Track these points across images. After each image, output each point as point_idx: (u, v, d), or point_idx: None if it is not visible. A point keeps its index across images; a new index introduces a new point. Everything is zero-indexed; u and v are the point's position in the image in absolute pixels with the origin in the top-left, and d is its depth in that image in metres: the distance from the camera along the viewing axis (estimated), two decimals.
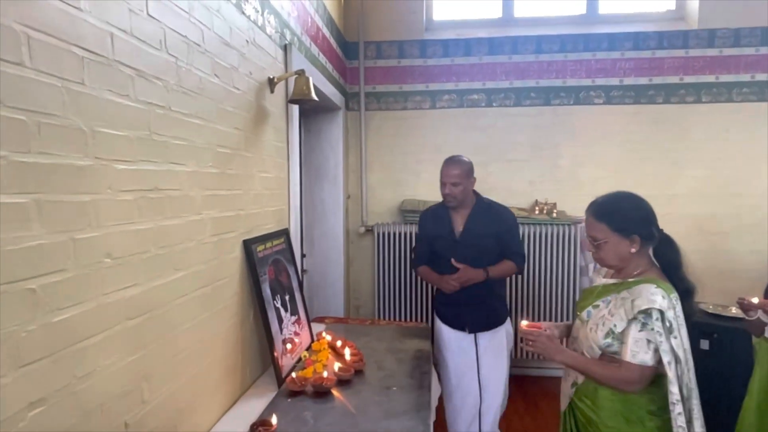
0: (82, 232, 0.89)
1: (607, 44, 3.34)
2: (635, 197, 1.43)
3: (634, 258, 1.36)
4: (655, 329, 1.25)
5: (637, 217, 1.38)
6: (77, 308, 0.88)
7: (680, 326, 1.26)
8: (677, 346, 1.24)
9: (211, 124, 1.39)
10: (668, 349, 1.24)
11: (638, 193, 1.43)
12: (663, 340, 1.24)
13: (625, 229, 1.35)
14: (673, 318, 1.25)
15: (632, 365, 1.27)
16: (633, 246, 1.35)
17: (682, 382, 1.25)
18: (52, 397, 0.82)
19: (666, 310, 1.24)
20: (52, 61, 0.82)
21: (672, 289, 1.31)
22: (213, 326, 1.41)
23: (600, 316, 1.38)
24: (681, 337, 1.25)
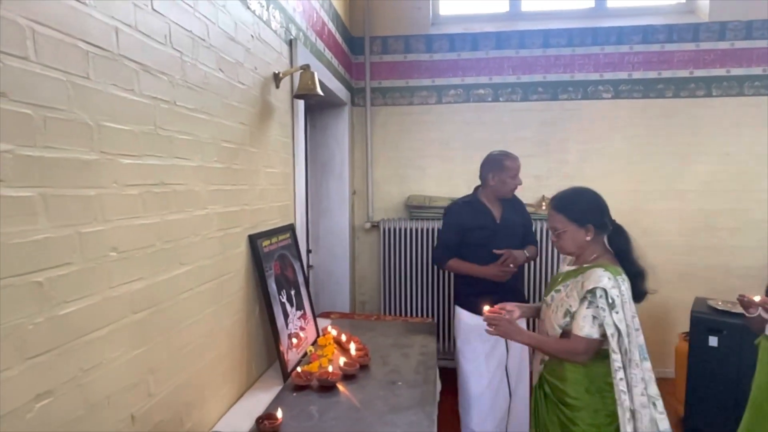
0: (88, 226, 0.90)
1: (615, 38, 3.30)
2: (591, 192, 1.59)
3: (589, 245, 1.52)
4: (599, 306, 1.40)
5: (591, 208, 1.53)
6: (83, 301, 0.89)
7: (624, 303, 1.39)
8: (619, 321, 1.37)
9: (216, 118, 1.39)
10: (611, 323, 1.38)
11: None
12: (606, 315, 1.38)
13: (581, 219, 1.51)
14: (617, 296, 1.38)
15: (579, 338, 1.43)
16: (588, 234, 1.50)
17: (623, 352, 1.37)
18: (59, 389, 0.83)
19: (609, 289, 1.39)
20: (57, 56, 0.82)
21: (619, 272, 1.45)
22: (219, 320, 1.42)
23: (560, 299, 1.53)
24: (624, 313, 1.38)
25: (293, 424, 1.35)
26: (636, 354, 1.38)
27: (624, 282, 1.43)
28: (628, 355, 1.37)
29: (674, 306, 3.26)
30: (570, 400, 1.49)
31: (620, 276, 1.44)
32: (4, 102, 0.73)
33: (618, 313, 1.38)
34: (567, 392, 1.50)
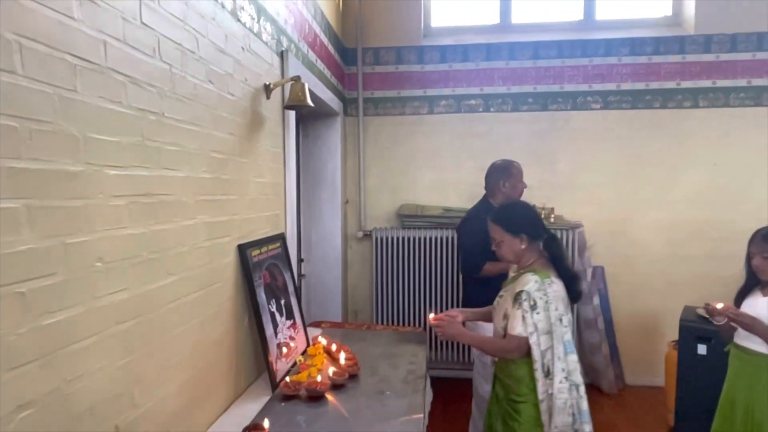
0: (73, 237, 0.91)
1: (604, 50, 3.36)
2: (524, 204, 1.85)
3: (525, 252, 1.67)
4: (524, 307, 1.56)
5: (523, 219, 1.71)
6: (67, 312, 0.89)
7: (548, 303, 1.56)
8: (538, 320, 1.55)
9: (205, 129, 1.41)
10: (531, 322, 1.55)
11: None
12: (528, 315, 1.55)
13: (515, 229, 1.67)
14: (539, 298, 1.56)
15: (511, 336, 1.59)
16: (522, 243, 1.66)
17: (540, 347, 1.55)
18: (42, 400, 0.83)
19: (533, 291, 1.56)
20: (44, 69, 0.83)
21: (548, 275, 1.61)
22: (206, 330, 1.42)
23: (502, 302, 1.70)
24: (546, 312, 1.55)
25: None
26: (560, 349, 1.56)
27: (551, 285, 1.59)
28: (553, 350, 1.56)
29: (663, 315, 3.28)
30: (514, 396, 1.63)
31: (548, 279, 1.60)
32: None
33: (538, 314, 1.55)
34: (513, 388, 1.64)
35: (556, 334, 1.56)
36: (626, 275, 3.40)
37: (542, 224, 1.73)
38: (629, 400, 3.15)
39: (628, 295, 3.41)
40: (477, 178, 3.48)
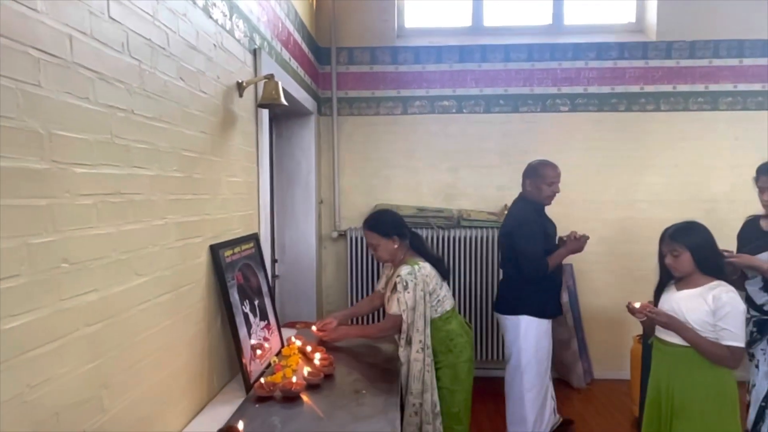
0: (38, 237, 0.87)
1: (572, 54, 3.47)
2: (390, 211, 2.36)
3: (398, 251, 2.05)
4: (398, 289, 1.94)
5: (392, 223, 2.09)
6: (31, 315, 0.86)
7: (416, 285, 1.94)
8: (408, 299, 1.94)
9: (175, 127, 1.38)
10: (403, 299, 1.94)
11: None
12: (401, 296, 1.94)
13: (388, 232, 2.03)
14: (410, 280, 1.94)
15: (388, 315, 2.03)
16: (395, 243, 2.04)
17: (406, 321, 1.94)
18: (2, 407, 0.80)
19: (404, 275, 1.95)
20: (5, 62, 0.80)
21: (417, 262, 2.01)
22: (178, 332, 1.39)
23: (387, 294, 2.06)
24: (414, 293, 1.94)
25: None
26: (420, 323, 1.93)
27: (421, 269, 1.98)
28: (414, 324, 1.92)
29: None
30: (438, 363, 2.01)
31: (417, 265, 1.99)
32: None
33: (409, 293, 1.93)
34: (435, 357, 2.01)
35: (417, 311, 1.93)
36: (594, 272, 3.52)
37: (406, 225, 2.12)
38: (597, 394, 3.26)
39: (595, 292, 3.53)
40: (451, 178, 3.56)
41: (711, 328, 1.71)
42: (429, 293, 1.99)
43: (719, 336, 1.69)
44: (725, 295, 1.69)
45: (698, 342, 1.72)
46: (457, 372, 2.04)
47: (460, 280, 3.43)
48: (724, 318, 1.68)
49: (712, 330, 1.71)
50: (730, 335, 1.67)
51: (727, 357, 1.68)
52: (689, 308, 1.75)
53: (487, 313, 3.44)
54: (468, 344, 2.09)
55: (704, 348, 1.71)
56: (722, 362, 1.70)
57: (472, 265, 3.42)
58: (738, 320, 1.68)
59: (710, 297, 1.71)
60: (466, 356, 2.07)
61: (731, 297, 1.69)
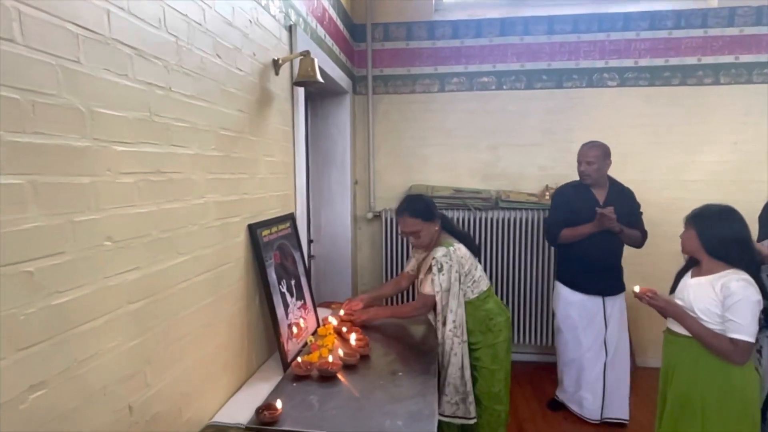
0: (81, 215, 0.88)
1: (622, 24, 3.24)
2: (422, 196, 2.15)
3: (437, 233, 2.02)
4: (434, 270, 1.92)
5: (431, 206, 2.03)
6: (77, 291, 0.87)
7: (451, 267, 1.91)
8: (443, 280, 1.91)
9: (214, 105, 1.36)
10: (438, 281, 1.91)
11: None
12: (435, 277, 1.91)
13: (431, 216, 1.99)
14: (445, 262, 1.91)
15: (420, 295, 2.01)
16: (436, 225, 2.01)
17: (441, 302, 1.92)
18: (53, 380, 0.82)
19: (440, 257, 1.92)
20: (45, 38, 0.79)
21: (451, 243, 1.98)
22: (218, 310, 1.41)
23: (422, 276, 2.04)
24: (449, 274, 1.91)
25: (293, 414, 1.34)
26: (454, 303, 1.92)
27: (456, 250, 1.96)
28: (449, 305, 1.91)
29: None
30: (473, 346, 2.00)
31: (452, 246, 1.96)
32: None
33: (444, 275, 1.90)
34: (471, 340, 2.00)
35: (452, 291, 1.92)
36: (640, 255, 3.34)
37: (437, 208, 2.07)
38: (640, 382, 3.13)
39: (641, 276, 3.36)
40: (490, 157, 3.44)
41: (719, 319, 1.59)
42: (464, 274, 1.97)
43: (725, 327, 1.57)
44: (734, 284, 1.56)
45: (699, 332, 1.62)
46: (496, 351, 2.02)
47: (498, 262, 3.34)
48: (731, 308, 1.55)
49: (720, 321, 1.59)
50: (736, 327, 1.54)
51: (729, 350, 1.55)
52: (697, 296, 1.65)
53: (525, 296, 3.35)
54: (506, 324, 2.06)
55: (705, 339, 1.60)
56: (725, 356, 1.57)
57: (510, 248, 3.32)
58: (746, 311, 1.53)
59: (719, 286, 1.59)
60: (504, 336, 2.04)
61: (741, 286, 1.55)
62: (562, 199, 2.68)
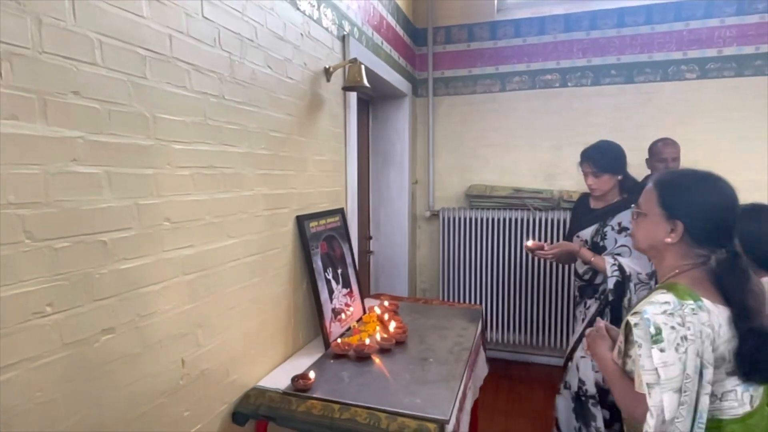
0: (145, 199, 1.10)
1: (703, 11, 2.99)
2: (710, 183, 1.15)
3: (670, 252, 1.15)
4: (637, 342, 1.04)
5: (695, 204, 1.12)
6: (140, 260, 1.09)
7: (684, 340, 1.00)
8: (662, 362, 0.99)
9: (263, 110, 1.56)
10: (649, 366, 1.01)
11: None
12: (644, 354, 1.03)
13: (672, 210, 1.14)
14: (664, 325, 1.01)
15: (636, 396, 1.05)
16: (671, 235, 1.13)
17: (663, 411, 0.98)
18: (120, 328, 1.04)
19: (653, 316, 1.03)
20: (119, 60, 1.02)
21: (696, 297, 1.06)
22: (264, 290, 1.61)
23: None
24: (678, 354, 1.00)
25: (324, 385, 1.49)
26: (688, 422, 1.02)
27: (696, 313, 1.03)
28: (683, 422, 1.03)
29: None
30: None
31: (691, 301, 1.05)
32: (78, 99, 0.93)
33: (663, 352, 1.00)
34: None
35: (690, 394, 0.98)
36: None
37: (730, 228, 1.10)
38: None
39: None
40: (552, 157, 3.36)
41: None
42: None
43: None
44: None
45: None
46: None
47: (558, 264, 3.25)
48: None
49: None
50: None
51: None
52: None
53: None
54: None
55: None
56: None
57: None
58: None
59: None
60: None
61: None
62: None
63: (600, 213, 2.15)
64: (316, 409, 1.38)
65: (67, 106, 0.91)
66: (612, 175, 2.10)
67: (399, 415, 1.32)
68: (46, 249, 0.88)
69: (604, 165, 2.09)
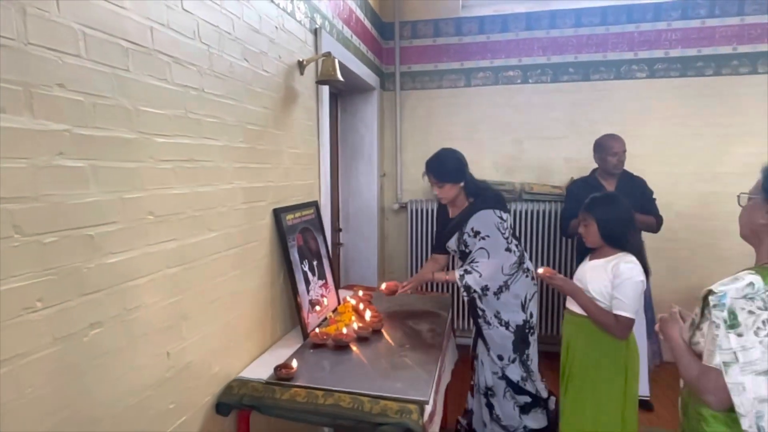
0: (129, 193, 1.10)
1: (652, 15, 3.21)
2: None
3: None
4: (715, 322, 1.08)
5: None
6: (126, 254, 1.09)
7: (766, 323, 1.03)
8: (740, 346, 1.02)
9: (241, 104, 1.57)
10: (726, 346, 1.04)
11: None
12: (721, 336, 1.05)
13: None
14: (741, 309, 1.04)
15: (706, 368, 1.09)
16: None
17: (747, 393, 1.02)
18: (108, 321, 1.04)
19: (734, 298, 1.05)
20: (103, 52, 1.01)
21: None
22: (244, 282, 1.62)
23: None
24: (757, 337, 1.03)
25: (306, 373, 1.53)
26: None
27: None
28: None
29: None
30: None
31: None
32: (63, 91, 0.92)
33: (740, 336, 1.03)
34: None
35: None
36: (669, 250, 3.31)
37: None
38: (664, 375, 3.12)
39: (670, 271, 3.32)
40: (514, 150, 3.51)
41: (609, 297, 1.74)
42: None
43: (612, 305, 1.73)
44: (623, 265, 1.71)
45: (588, 307, 1.78)
46: None
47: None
48: (618, 287, 1.71)
49: (610, 299, 1.74)
50: (619, 304, 1.70)
51: (612, 325, 1.72)
52: (592, 278, 1.80)
53: (549, 287, 3.40)
54: None
55: (593, 313, 1.76)
56: (609, 330, 1.73)
57: (534, 240, 3.38)
58: (629, 290, 1.69)
59: (610, 267, 1.74)
60: None
61: (629, 268, 1.71)
62: (573, 193, 2.81)
63: (456, 221, 2.20)
64: (300, 397, 1.42)
65: (53, 98, 0.90)
66: (453, 184, 2.15)
67: (381, 399, 1.38)
68: (34, 244, 0.87)
69: (444, 175, 2.15)
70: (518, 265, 2.10)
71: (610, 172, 2.75)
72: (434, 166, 2.17)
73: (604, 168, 2.78)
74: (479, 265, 2.02)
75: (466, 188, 2.16)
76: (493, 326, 2.09)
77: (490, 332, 2.10)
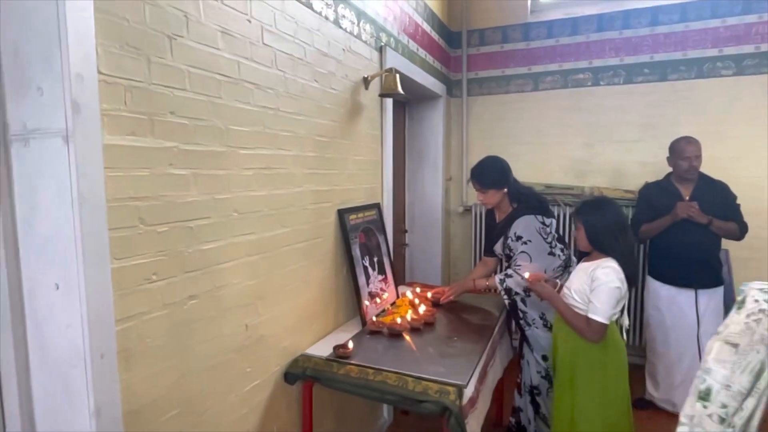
0: (220, 194, 1.38)
1: (741, 7, 3.00)
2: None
3: None
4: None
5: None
6: (216, 243, 1.37)
7: None
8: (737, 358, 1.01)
9: (311, 119, 1.82)
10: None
11: None
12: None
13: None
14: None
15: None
16: None
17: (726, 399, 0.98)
18: (202, 295, 1.33)
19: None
20: (202, 85, 1.30)
21: None
22: (311, 273, 1.87)
23: None
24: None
25: (361, 353, 1.74)
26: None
27: None
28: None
29: None
30: None
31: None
32: (174, 117, 1.22)
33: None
34: None
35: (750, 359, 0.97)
36: (757, 260, 3.06)
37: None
38: None
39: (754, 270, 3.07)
40: (584, 154, 3.47)
41: (588, 300, 1.76)
42: None
43: (587, 309, 1.75)
44: (600, 271, 1.74)
45: (563, 311, 1.83)
46: None
47: None
48: (593, 292, 1.74)
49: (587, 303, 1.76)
50: (593, 308, 1.73)
51: (584, 328, 1.74)
52: (574, 280, 1.85)
53: None
54: None
55: (567, 317, 1.80)
56: (581, 333, 1.76)
57: None
58: (604, 295, 1.71)
59: (590, 271, 1.77)
60: None
61: (605, 273, 1.72)
62: (646, 197, 2.76)
63: (501, 226, 2.28)
64: (353, 373, 1.63)
65: (167, 123, 1.20)
66: (496, 190, 2.22)
67: (423, 380, 1.55)
68: (152, 232, 1.17)
69: (487, 182, 2.22)
70: (563, 268, 2.14)
71: (682, 176, 2.65)
72: (477, 174, 2.26)
73: (677, 172, 2.68)
74: (521, 268, 2.10)
75: (509, 194, 2.25)
76: (534, 327, 2.15)
77: (533, 333, 2.16)
